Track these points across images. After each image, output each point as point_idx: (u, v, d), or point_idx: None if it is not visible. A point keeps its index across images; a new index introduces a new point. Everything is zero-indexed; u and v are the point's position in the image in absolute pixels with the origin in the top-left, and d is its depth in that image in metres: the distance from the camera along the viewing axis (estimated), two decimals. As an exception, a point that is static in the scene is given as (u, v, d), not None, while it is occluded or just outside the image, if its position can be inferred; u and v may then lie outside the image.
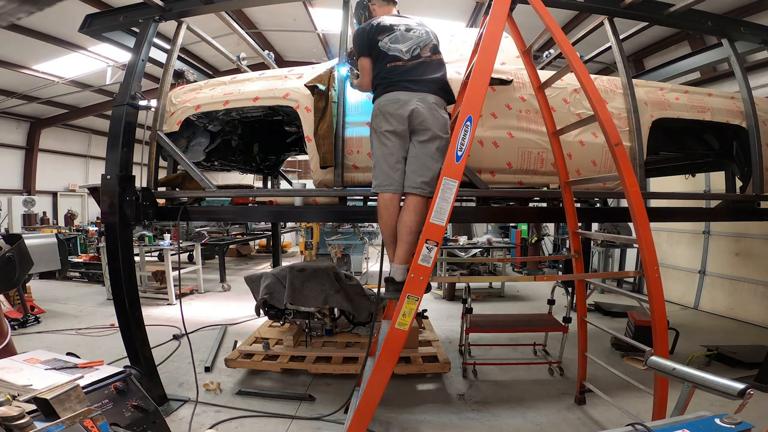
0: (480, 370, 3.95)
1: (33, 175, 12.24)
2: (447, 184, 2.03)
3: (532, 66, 2.98)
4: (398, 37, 2.58)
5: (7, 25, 2.52)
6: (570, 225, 3.07)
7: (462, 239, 8.14)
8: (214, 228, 10.31)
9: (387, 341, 2.07)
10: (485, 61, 2.17)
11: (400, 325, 2.02)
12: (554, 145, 2.94)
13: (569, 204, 3.02)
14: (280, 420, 3.12)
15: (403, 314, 2.01)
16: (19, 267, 3.68)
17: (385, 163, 2.49)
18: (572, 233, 3.12)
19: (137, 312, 3.18)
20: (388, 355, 2.07)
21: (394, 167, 2.48)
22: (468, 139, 2.04)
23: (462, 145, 2.04)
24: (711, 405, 2.49)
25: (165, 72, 3.34)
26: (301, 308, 3.87)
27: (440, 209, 2.04)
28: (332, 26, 7.69)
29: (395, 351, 2.06)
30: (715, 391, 1.53)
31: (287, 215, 4.49)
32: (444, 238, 7.93)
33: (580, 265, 3.13)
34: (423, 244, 2.04)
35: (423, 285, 2.05)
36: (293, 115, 3.27)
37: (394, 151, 2.48)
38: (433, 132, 2.43)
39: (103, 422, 1.65)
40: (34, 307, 5.86)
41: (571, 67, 2.48)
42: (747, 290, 3.92)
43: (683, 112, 3.26)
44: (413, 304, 2.01)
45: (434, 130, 2.43)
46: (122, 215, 3.03)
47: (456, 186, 2.04)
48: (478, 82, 2.12)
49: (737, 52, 3.57)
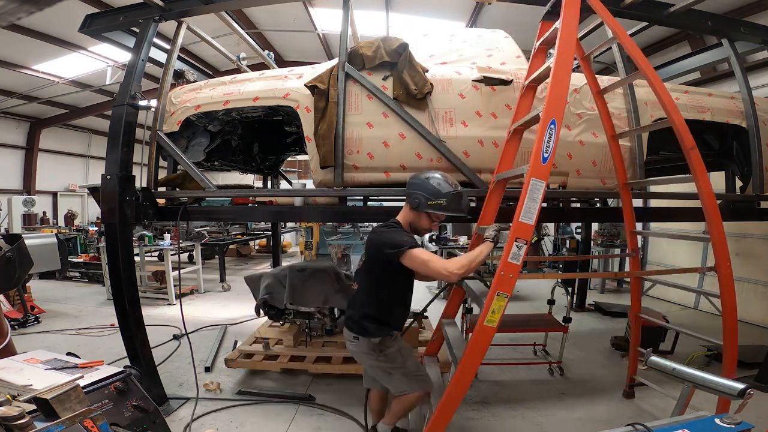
0: (480, 370, 3.92)
1: (33, 175, 12.24)
2: (535, 184, 2.09)
3: (591, 72, 3.04)
4: None
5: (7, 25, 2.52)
6: (628, 225, 3.21)
7: (462, 239, 8.14)
8: (214, 228, 10.31)
9: (475, 339, 2.09)
10: (563, 66, 2.22)
11: (489, 322, 2.06)
12: (613, 149, 3.02)
13: (627, 205, 3.15)
14: (281, 419, 3.12)
15: (492, 311, 2.05)
16: (19, 267, 3.68)
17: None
18: (629, 233, 3.25)
19: (137, 312, 3.18)
20: (475, 351, 2.09)
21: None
22: (553, 141, 2.11)
23: (548, 147, 2.10)
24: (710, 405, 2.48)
25: (165, 72, 3.34)
26: (301, 308, 3.87)
27: (529, 209, 2.08)
28: (332, 26, 7.69)
29: (483, 348, 2.10)
30: (715, 391, 1.53)
31: (287, 215, 4.49)
32: (444, 238, 7.98)
33: (636, 263, 3.33)
34: (512, 242, 2.07)
35: (512, 282, 2.08)
36: (293, 115, 3.27)
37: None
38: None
39: (103, 422, 1.65)
40: (34, 307, 5.86)
41: (642, 73, 2.59)
42: (747, 290, 3.93)
43: (683, 112, 3.23)
44: (502, 301, 2.05)
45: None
46: (122, 215, 3.03)
47: (543, 186, 2.10)
48: (558, 86, 2.19)
49: (737, 52, 3.57)
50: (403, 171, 3.02)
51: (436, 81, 3.02)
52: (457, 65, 3.22)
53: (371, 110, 3.01)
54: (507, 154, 2.75)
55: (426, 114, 2.97)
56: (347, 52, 3.06)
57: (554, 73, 2.21)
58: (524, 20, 2.95)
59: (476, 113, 3.00)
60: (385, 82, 3.04)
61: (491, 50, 3.41)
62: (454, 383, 2.12)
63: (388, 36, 3.20)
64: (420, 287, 8.06)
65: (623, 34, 2.62)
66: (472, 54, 3.38)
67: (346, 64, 3.02)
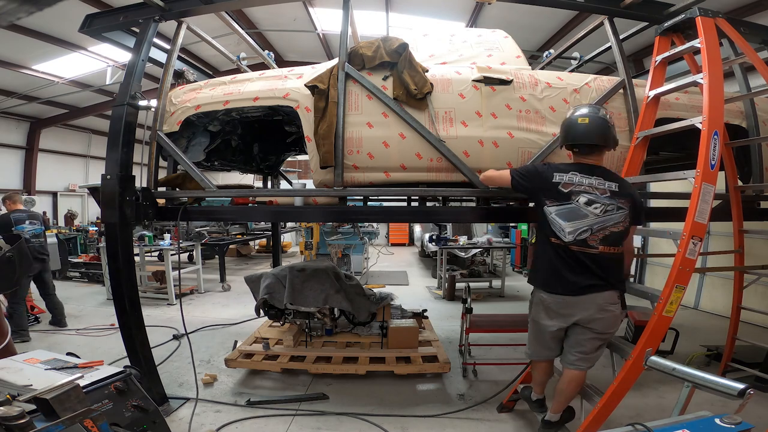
0: (480, 370, 3.95)
1: (33, 175, 12.24)
2: (705, 188, 2.37)
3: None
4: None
5: (7, 25, 2.52)
6: (736, 225, 3.54)
7: (462, 239, 8.14)
8: (214, 228, 10.31)
9: (654, 327, 2.31)
10: (716, 82, 2.55)
11: (668, 312, 2.30)
12: (725, 155, 3.23)
13: (736, 206, 3.43)
14: (281, 419, 3.12)
15: (670, 303, 2.30)
16: (19, 267, 3.69)
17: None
18: (737, 231, 3.58)
19: (137, 312, 3.18)
20: (652, 339, 2.31)
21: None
22: (717, 150, 2.42)
23: (713, 155, 2.41)
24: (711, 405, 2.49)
25: (165, 72, 3.34)
26: (301, 308, 3.87)
27: (702, 210, 2.36)
28: (332, 26, 7.69)
29: (660, 335, 2.34)
30: (715, 391, 1.53)
31: (287, 215, 4.49)
32: (444, 238, 7.98)
33: (741, 259, 3.69)
34: (689, 240, 2.32)
35: (689, 275, 2.32)
36: (293, 115, 3.27)
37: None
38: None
39: (103, 422, 1.65)
40: (34, 307, 5.86)
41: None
42: (747, 290, 3.92)
43: (683, 112, 3.25)
44: (680, 293, 2.30)
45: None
46: (122, 215, 3.03)
47: (713, 190, 2.38)
48: (714, 100, 2.51)
49: (737, 53, 3.56)
50: (403, 171, 3.02)
51: (436, 81, 3.01)
52: (457, 65, 3.22)
53: (371, 110, 3.01)
54: (634, 161, 3.00)
55: (426, 114, 2.97)
56: (347, 52, 3.05)
57: (709, 89, 2.52)
58: (524, 20, 2.95)
59: (476, 113, 3.00)
60: (385, 82, 3.04)
61: (491, 50, 3.42)
62: (627, 372, 2.29)
63: (388, 36, 3.20)
64: (420, 287, 8.08)
65: (750, 50, 2.92)
66: (472, 54, 3.38)
67: (346, 64, 3.01)
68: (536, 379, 2.84)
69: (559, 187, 2.36)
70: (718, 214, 3.91)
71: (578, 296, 2.35)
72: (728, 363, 3.71)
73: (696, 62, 3.15)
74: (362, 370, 3.64)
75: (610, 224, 2.32)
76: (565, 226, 2.33)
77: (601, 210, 2.31)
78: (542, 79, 3.13)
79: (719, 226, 6.05)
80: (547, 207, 2.40)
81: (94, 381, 2.12)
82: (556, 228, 2.36)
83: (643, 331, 2.35)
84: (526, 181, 2.49)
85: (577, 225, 2.32)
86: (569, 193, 2.35)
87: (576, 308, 2.37)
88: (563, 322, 2.44)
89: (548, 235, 2.41)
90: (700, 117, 2.53)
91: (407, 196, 3.79)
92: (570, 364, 2.50)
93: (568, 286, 2.35)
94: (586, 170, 2.39)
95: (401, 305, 4.59)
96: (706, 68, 2.57)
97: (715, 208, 3.70)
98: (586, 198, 2.32)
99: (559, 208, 2.36)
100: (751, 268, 3.77)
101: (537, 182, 2.45)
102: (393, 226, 15.30)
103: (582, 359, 2.46)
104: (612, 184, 2.36)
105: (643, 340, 2.31)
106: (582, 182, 2.35)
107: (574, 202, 2.33)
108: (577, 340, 2.45)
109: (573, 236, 2.32)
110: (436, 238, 8.10)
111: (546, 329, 2.51)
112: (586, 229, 2.31)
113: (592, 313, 2.34)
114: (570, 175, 2.37)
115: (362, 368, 3.65)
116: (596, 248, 2.32)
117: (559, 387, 2.61)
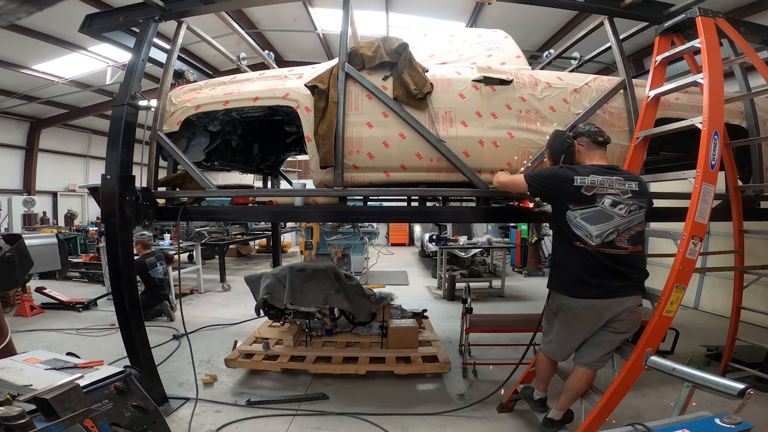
0: (480, 370, 3.95)
1: (33, 175, 12.24)
2: (706, 188, 2.37)
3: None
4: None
5: (7, 25, 2.52)
6: (736, 225, 3.53)
7: (462, 239, 8.14)
8: (214, 228, 10.30)
9: (654, 327, 2.32)
10: (716, 82, 2.55)
11: (668, 312, 2.32)
12: (725, 155, 3.22)
13: (736, 206, 3.44)
14: (281, 419, 3.12)
15: (670, 303, 2.31)
16: (19, 267, 3.68)
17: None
18: (737, 231, 3.57)
19: (137, 312, 3.18)
20: (653, 338, 2.32)
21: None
22: (718, 149, 2.43)
23: (714, 155, 2.42)
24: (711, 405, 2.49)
25: (165, 72, 3.34)
26: (301, 308, 3.87)
27: (702, 210, 2.37)
28: (332, 26, 7.69)
29: (661, 334, 2.37)
30: (715, 391, 1.53)
31: (287, 215, 4.49)
32: (444, 238, 7.97)
33: (741, 259, 3.70)
34: (689, 240, 2.33)
35: (689, 276, 2.33)
36: (293, 115, 3.27)
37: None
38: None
39: (103, 422, 1.65)
40: (34, 307, 5.87)
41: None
42: (747, 290, 3.92)
43: (683, 112, 3.25)
44: (680, 293, 2.32)
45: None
46: (122, 215, 3.03)
47: (713, 190, 2.39)
48: (714, 100, 2.51)
49: (737, 52, 3.56)
50: (403, 171, 3.03)
51: (436, 81, 3.01)
52: (457, 65, 3.22)
53: (371, 110, 3.01)
54: (634, 161, 2.95)
55: (426, 114, 2.97)
56: (347, 52, 3.05)
57: (709, 89, 2.53)
58: (524, 20, 2.95)
59: (476, 113, 3.00)
60: (385, 82, 3.04)
61: (491, 50, 3.41)
62: (627, 372, 2.31)
63: (388, 36, 3.20)
64: (420, 287, 8.08)
65: (750, 50, 2.92)
66: (472, 54, 3.38)
67: (346, 64, 3.01)
68: (542, 376, 2.84)
69: (581, 191, 2.31)
70: (718, 214, 3.92)
71: (607, 299, 2.33)
72: (728, 363, 3.71)
73: (696, 62, 3.15)
74: (362, 370, 3.64)
75: (634, 224, 2.33)
76: (593, 230, 2.29)
77: (626, 210, 2.29)
78: (542, 79, 3.13)
79: (719, 226, 6.06)
80: (571, 211, 2.34)
81: (94, 381, 2.12)
82: (581, 232, 2.31)
83: (644, 331, 2.35)
84: (545, 188, 2.46)
85: (604, 228, 2.29)
86: (593, 196, 2.30)
87: (607, 311, 2.36)
88: (595, 326, 2.42)
89: (571, 239, 2.35)
90: (700, 117, 2.53)
91: (407, 196, 3.80)
92: (587, 364, 2.51)
93: (597, 290, 2.32)
94: (606, 171, 2.38)
95: (401, 305, 4.59)
96: (706, 68, 2.58)
97: (715, 208, 3.71)
98: (611, 200, 2.29)
99: (585, 211, 2.31)
100: (751, 268, 3.77)
101: (557, 187, 2.39)
102: (393, 226, 15.30)
103: (601, 359, 2.49)
104: (632, 183, 2.36)
105: (643, 340, 2.32)
106: (604, 183, 2.32)
107: (599, 205, 2.29)
108: (599, 341, 2.46)
109: (600, 239, 2.28)
110: (436, 238, 8.10)
111: (578, 333, 2.49)
112: (612, 231, 2.29)
113: (620, 315, 2.36)
114: (592, 178, 2.33)
115: (362, 368, 3.65)
116: (625, 248, 2.30)
117: (569, 384, 2.61)
